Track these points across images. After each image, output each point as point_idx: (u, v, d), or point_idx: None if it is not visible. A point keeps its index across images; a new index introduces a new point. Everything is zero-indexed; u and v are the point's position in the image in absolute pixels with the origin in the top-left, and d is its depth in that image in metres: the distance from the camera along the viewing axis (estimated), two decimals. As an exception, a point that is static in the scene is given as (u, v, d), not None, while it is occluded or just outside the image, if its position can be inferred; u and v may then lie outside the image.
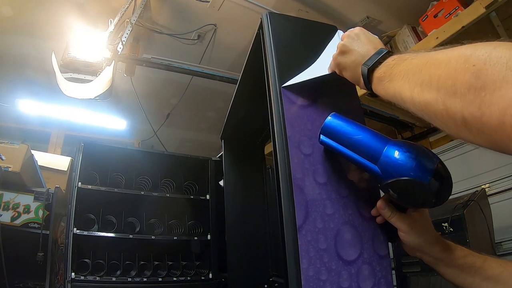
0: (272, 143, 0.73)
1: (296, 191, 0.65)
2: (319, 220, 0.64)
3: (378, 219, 0.65)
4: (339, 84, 0.75)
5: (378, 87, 0.54)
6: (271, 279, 1.53)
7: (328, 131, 0.63)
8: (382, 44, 0.61)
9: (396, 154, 0.51)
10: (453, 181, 0.50)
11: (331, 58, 0.69)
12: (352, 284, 0.61)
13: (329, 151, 0.68)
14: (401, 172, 0.49)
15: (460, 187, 2.25)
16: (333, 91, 0.77)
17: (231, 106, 1.32)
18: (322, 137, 0.65)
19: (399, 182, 0.49)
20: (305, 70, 0.76)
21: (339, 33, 0.81)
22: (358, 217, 0.67)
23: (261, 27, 0.85)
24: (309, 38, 0.82)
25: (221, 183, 2.27)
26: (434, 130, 2.72)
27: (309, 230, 0.63)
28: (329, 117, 0.64)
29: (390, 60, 0.53)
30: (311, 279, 0.60)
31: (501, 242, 2.02)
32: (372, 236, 0.66)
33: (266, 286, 1.54)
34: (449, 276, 0.59)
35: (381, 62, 0.54)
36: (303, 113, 0.73)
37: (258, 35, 0.87)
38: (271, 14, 0.84)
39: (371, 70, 0.55)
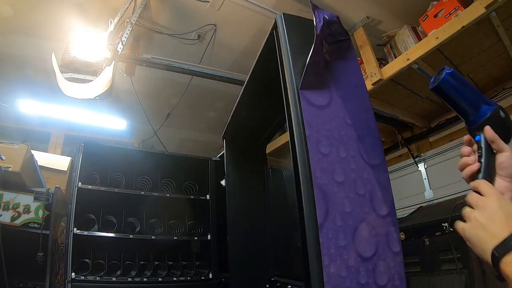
0: (290, 144, 0.74)
1: (317, 190, 0.67)
2: (338, 218, 0.66)
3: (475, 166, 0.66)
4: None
5: (506, 269, 0.52)
6: (272, 279, 1.53)
7: (455, 75, 0.70)
8: None
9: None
10: (454, 181, 0.57)
11: None
12: (369, 280, 0.63)
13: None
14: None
15: (460, 187, 2.25)
16: (347, 91, 0.80)
17: (236, 106, 1.32)
18: (446, 74, 0.68)
19: (499, 109, 0.69)
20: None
21: None
22: (373, 214, 0.69)
23: (275, 28, 0.85)
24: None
25: (223, 182, 2.27)
26: (433, 130, 2.72)
27: (330, 228, 0.65)
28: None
29: None
30: (332, 276, 0.61)
31: (501, 242, 2.01)
32: (386, 233, 0.68)
33: (267, 285, 1.54)
34: None
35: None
36: (321, 114, 0.75)
37: (271, 36, 0.88)
38: (286, 15, 0.86)
39: (501, 256, 0.53)
